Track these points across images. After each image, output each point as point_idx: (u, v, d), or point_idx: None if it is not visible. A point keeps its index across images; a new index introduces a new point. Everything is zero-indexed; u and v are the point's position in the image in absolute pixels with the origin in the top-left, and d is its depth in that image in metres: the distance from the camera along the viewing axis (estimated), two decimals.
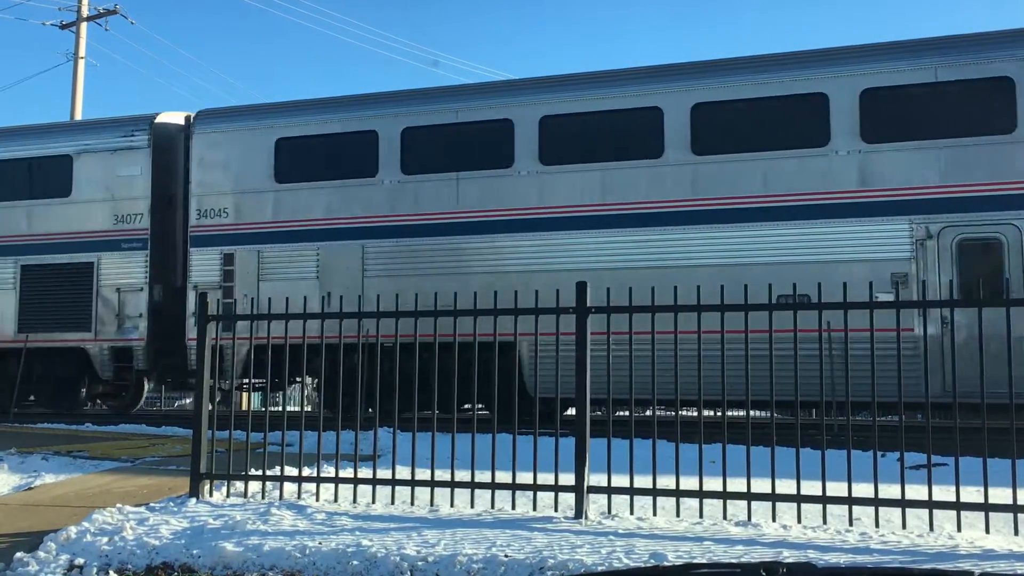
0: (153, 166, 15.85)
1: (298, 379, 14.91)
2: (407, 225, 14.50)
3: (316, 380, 14.85)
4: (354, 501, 7.25)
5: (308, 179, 15.08)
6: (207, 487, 7.59)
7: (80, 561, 5.99)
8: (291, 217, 15.04)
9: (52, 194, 16.39)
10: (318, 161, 15.16)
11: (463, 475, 7.11)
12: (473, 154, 14.46)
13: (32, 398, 16.74)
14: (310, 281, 14.54)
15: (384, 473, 7.38)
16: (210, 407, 7.70)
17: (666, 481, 6.65)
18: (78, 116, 27.35)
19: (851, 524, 6.27)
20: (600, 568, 5.25)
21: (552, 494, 6.90)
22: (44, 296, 16.05)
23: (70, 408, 16.24)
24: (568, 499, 6.83)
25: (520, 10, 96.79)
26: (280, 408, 11.45)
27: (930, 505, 6.17)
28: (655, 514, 6.63)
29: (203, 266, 15.28)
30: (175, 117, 16.39)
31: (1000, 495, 6.09)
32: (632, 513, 6.67)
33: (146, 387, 17.92)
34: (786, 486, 6.41)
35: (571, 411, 7.79)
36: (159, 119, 16.14)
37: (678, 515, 6.59)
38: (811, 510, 6.42)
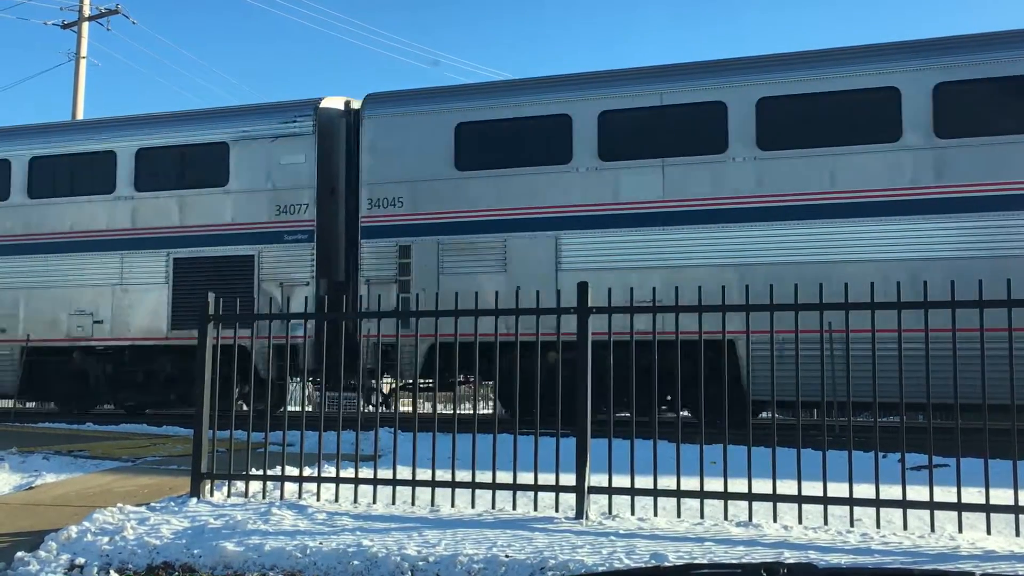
0: (319, 153, 14.94)
1: (471, 379, 14.05)
2: (606, 215, 13.50)
3: (489, 381, 14.08)
4: (355, 501, 7.25)
5: (492, 166, 14.15)
6: (208, 487, 7.60)
7: (81, 560, 5.99)
8: (474, 206, 14.10)
9: (206, 183, 15.50)
10: (503, 147, 14.20)
11: (464, 475, 7.11)
12: (680, 139, 13.34)
13: (172, 397, 15.93)
14: (496, 274, 13.68)
15: (385, 473, 7.38)
16: (210, 407, 7.69)
17: (667, 482, 6.65)
18: (80, 116, 27.36)
19: (852, 525, 6.27)
20: (601, 568, 5.25)
21: (553, 494, 6.90)
22: (200, 291, 14.70)
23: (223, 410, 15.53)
24: (569, 499, 6.83)
25: (521, 11, 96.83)
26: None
27: (931, 506, 6.16)
28: (656, 514, 6.63)
29: (376, 259, 14.39)
30: (335, 102, 15.52)
31: (1001, 496, 6.09)
32: (633, 514, 6.67)
33: (290, 387, 17.04)
34: (787, 487, 6.41)
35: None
36: (323, 104, 15.25)
37: (679, 516, 6.58)
38: (812, 511, 6.41)
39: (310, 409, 15.70)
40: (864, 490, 6.30)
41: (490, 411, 18.56)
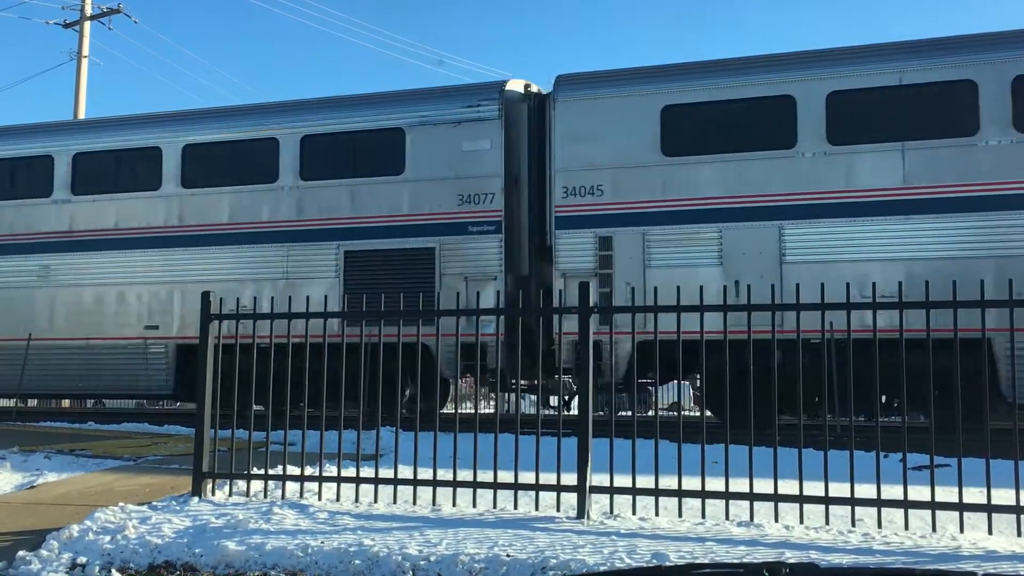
0: (505, 140, 14.03)
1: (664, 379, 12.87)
2: (837, 204, 12.58)
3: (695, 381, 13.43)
4: (356, 500, 7.26)
5: (704, 151, 13.21)
6: (209, 486, 7.60)
7: (82, 560, 5.99)
8: (683, 195, 13.16)
9: (379, 172, 14.58)
10: (715, 131, 13.24)
11: (465, 475, 7.11)
12: (923, 120, 12.36)
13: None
14: (710, 268, 12.80)
15: (387, 472, 7.38)
16: (212, 406, 7.70)
17: (668, 481, 6.65)
18: (81, 115, 27.37)
19: (854, 525, 6.27)
20: (602, 568, 5.25)
21: (554, 494, 6.90)
22: (373, 286, 13.28)
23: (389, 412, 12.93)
24: (570, 499, 6.83)
25: (521, 11, 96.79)
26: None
27: (933, 506, 6.16)
28: (657, 514, 6.63)
29: (572, 251, 13.46)
30: (515, 85, 14.66)
31: (1003, 496, 6.09)
32: (634, 513, 6.67)
33: (452, 388, 16.19)
34: (789, 487, 6.40)
35: None
36: (508, 87, 14.40)
37: (680, 515, 6.58)
38: (814, 511, 6.41)
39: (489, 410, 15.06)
40: (865, 490, 6.30)
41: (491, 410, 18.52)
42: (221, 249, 15.15)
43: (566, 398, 13.00)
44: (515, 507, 6.91)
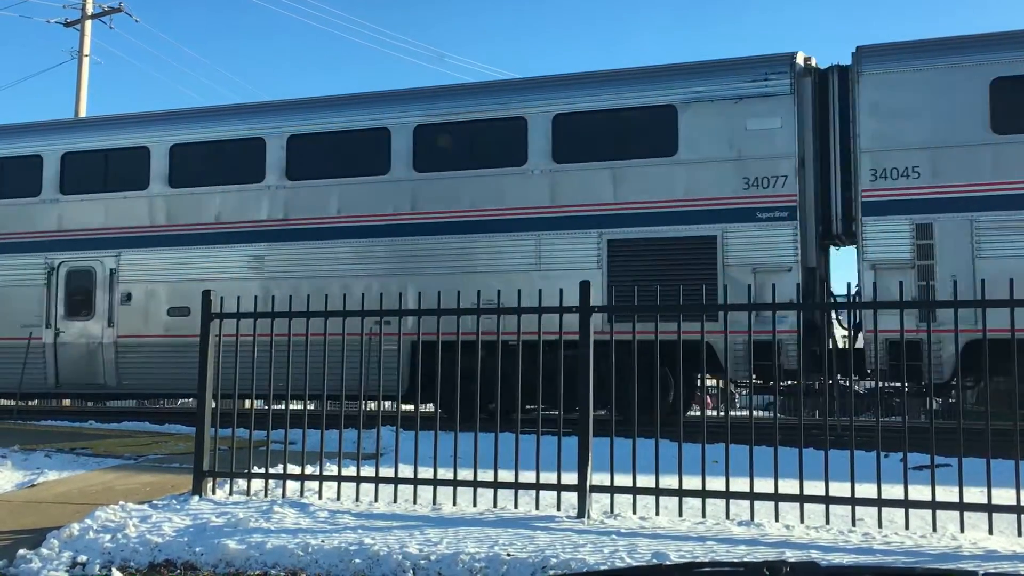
0: (798, 117, 12.86)
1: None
2: None
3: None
4: (357, 499, 7.26)
5: None
6: (210, 485, 7.60)
7: (83, 558, 6.00)
8: (1015, 177, 11.97)
9: (648, 153, 13.39)
10: None
11: (466, 474, 7.11)
12: None
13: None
14: None
15: (387, 472, 7.38)
16: (213, 405, 7.70)
17: (669, 481, 6.64)
18: (82, 114, 27.37)
19: (854, 524, 6.27)
20: (603, 567, 5.25)
21: (555, 493, 6.90)
22: (641, 277, 12.10)
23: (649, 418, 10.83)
24: (571, 498, 6.83)
25: (521, 10, 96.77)
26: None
27: (933, 506, 6.16)
28: (658, 513, 6.63)
29: (884, 240, 12.25)
30: (798, 58, 13.43)
31: (1004, 496, 6.08)
32: (635, 512, 6.67)
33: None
34: (789, 486, 6.41)
35: None
36: (797, 59, 13.17)
37: (681, 515, 6.58)
38: (814, 510, 6.41)
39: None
40: (866, 490, 6.30)
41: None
42: (459, 238, 13.93)
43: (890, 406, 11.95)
44: (515, 506, 6.91)
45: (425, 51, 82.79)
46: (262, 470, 7.59)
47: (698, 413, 13.56)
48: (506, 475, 6.98)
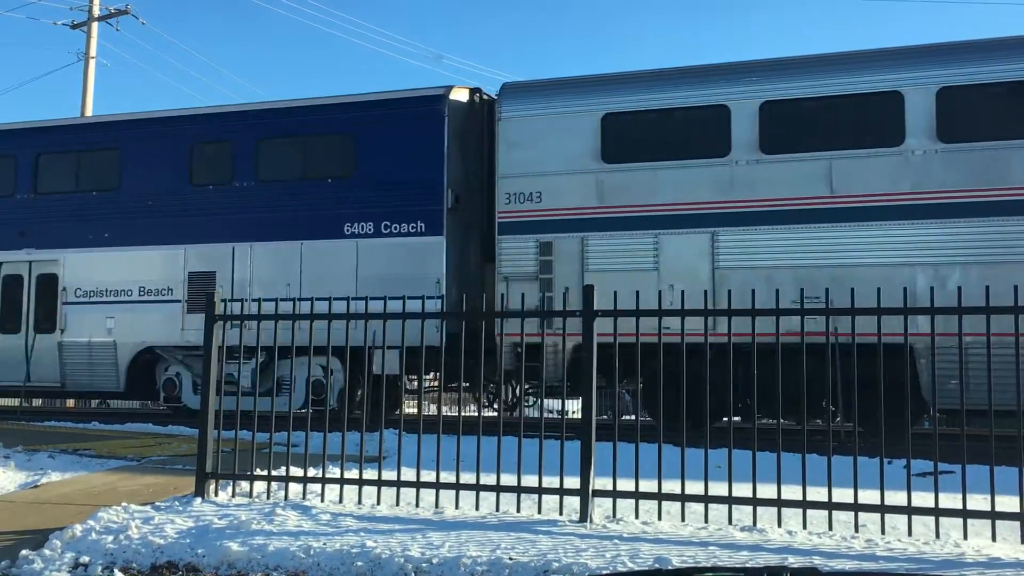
0: None
1: None
2: None
3: None
4: (359, 502, 7.26)
5: None
6: (213, 487, 7.61)
7: (85, 559, 6.01)
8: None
9: None
10: None
11: (468, 477, 7.11)
12: None
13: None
14: None
15: (390, 475, 7.38)
16: (216, 406, 7.70)
17: (671, 485, 6.64)
18: (88, 115, 27.43)
19: (857, 531, 6.25)
20: (605, 572, 5.24)
21: (557, 497, 6.89)
22: None
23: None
24: (573, 502, 6.83)
25: (521, 9, 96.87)
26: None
27: (936, 512, 6.14)
28: (660, 518, 6.62)
29: None
30: None
31: (1007, 503, 6.07)
32: (637, 517, 6.66)
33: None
34: (792, 492, 6.40)
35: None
36: None
37: (683, 520, 6.57)
38: (817, 516, 6.40)
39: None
40: (869, 496, 6.29)
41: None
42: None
43: None
44: (518, 510, 6.91)
45: (426, 52, 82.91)
46: (264, 472, 7.59)
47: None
48: (508, 479, 6.98)
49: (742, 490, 6.49)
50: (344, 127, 14.59)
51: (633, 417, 7.62)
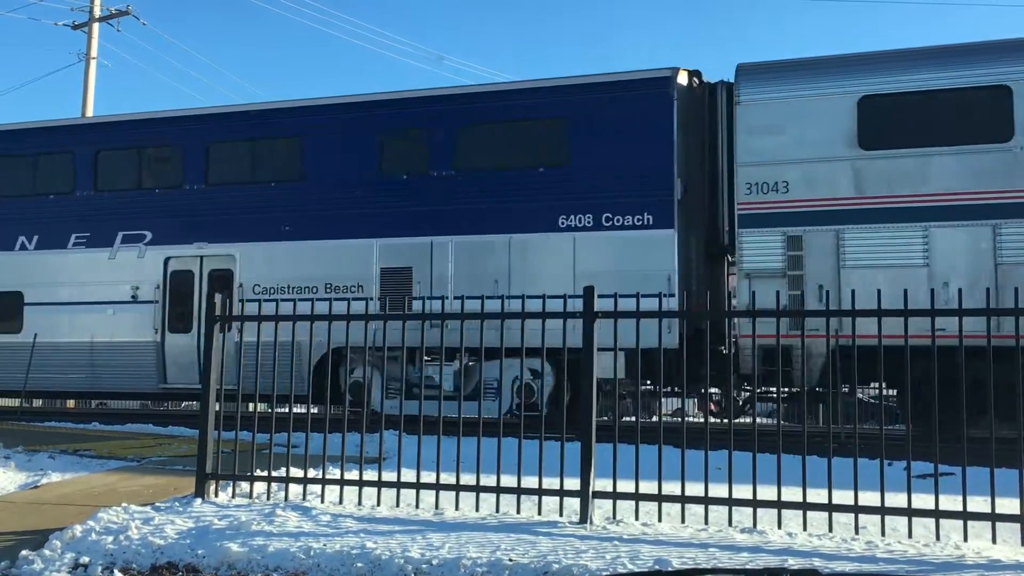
0: None
1: None
2: None
3: None
4: (359, 503, 7.25)
5: None
6: (213, 487, 7.60)
7: (85, 560, 6.00)
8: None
9: None
10: None
11: (468, 479, 7.10)
12: None
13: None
14: None
15: (390, 476, 7.38)
16: (216, 407, 7.70)
17: (672, 487, 6.63)
18: (88, 115, 27.43)
19: (857, 532, 6.25)
20: (604, 573, 5.24)
21: (557, 499, 6.89)
22: None
23: None
24: (573, 504, 6.82)
25: (521, 9, 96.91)
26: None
27: (937, 514, 6.14)
28: (660, 520, 6.62)
29: None
30: None
31: (1007, 505, 6.07)
32: (637, 519, 6.66)
33: None
34: (792, 494, 6.40)
35: None
36: None
37: (683, 521, 6.57)
38: (817, 518, 6.40)
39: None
40: (869, 498, 6.28)
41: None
42: None
43: None
44: (518, 511, 6.90)
45: (426, 53, 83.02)
46: (265, 473, 7.59)
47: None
48: (508, 480, 6.98)
49: (742, 492, 6.48)
50: (556, 111, 13.62)
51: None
